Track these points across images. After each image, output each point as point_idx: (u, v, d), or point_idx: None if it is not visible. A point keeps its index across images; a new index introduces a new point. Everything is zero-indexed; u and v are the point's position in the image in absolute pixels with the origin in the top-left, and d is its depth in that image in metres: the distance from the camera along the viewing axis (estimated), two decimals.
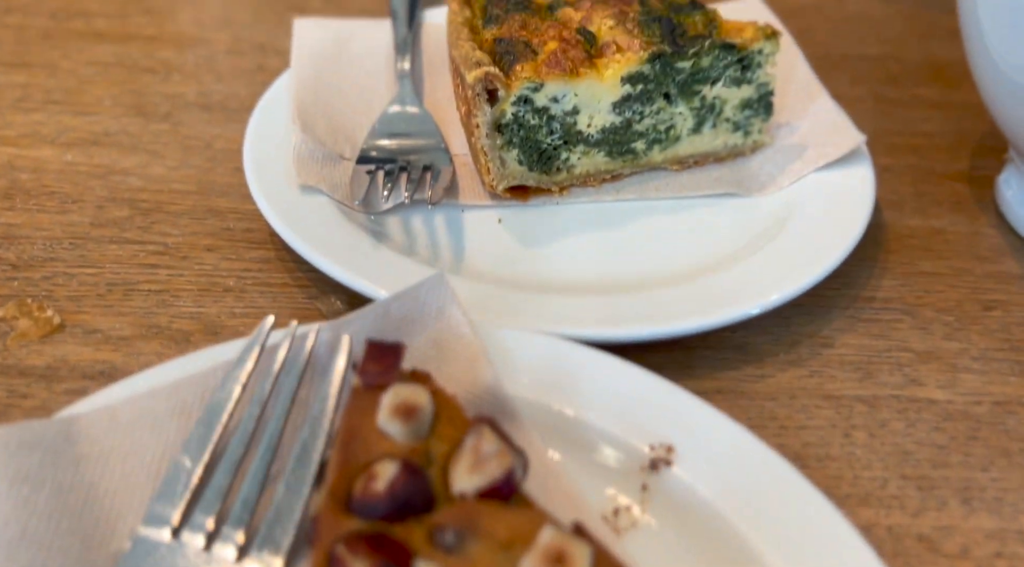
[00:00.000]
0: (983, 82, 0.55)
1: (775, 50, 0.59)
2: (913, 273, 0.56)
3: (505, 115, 0.54)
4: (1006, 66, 0.51)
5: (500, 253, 0.54)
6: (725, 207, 0.59)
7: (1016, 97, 0.52)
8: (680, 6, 0.60)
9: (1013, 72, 0.51)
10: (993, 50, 0.51)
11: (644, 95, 0.57)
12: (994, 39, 0.51)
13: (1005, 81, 0.52)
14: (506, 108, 0.54)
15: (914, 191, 0.63)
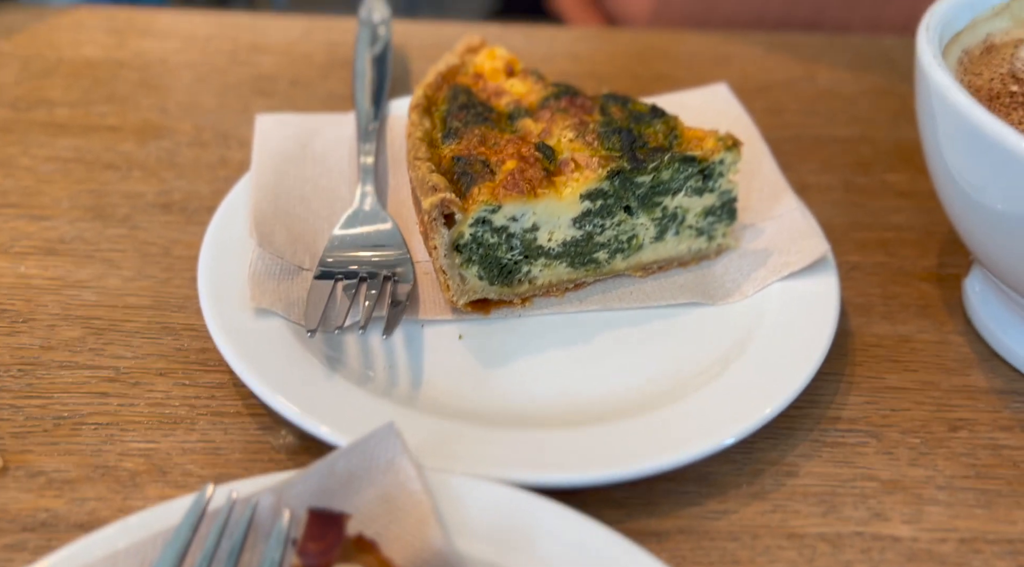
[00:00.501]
0: (945, 196, 0.55)
1: (737, 159, 0.58)
2: (879, 388, 0.55)
3: (463, 236, 0.53)
4: (966, 186, 0.51)
5: (460, 376, 0.53)
6: (690, 317, 0.58)
7: (977, 215, 0.51)
8: (640, 114, 0.59)
9: (974, 192, 0.50)
10: (955, 173, 0.50)
11: (604, 209, 0.56)
12: (954, 161, 0.50)
13: (967, 200, 0.51)
14: (464, 230, 0.53)
15: (882, 293, 0.62)
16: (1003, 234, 0.50)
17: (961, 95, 0.47)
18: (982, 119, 0.45)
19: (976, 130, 0.45)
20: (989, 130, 0.45)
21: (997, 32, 0.60)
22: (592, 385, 0.53)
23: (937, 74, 0.49)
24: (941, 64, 0.49)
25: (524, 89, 0.63)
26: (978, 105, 0.46)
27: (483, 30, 0.98)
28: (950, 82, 0.48)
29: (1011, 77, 0.56)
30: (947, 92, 0.47)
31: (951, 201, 0.54)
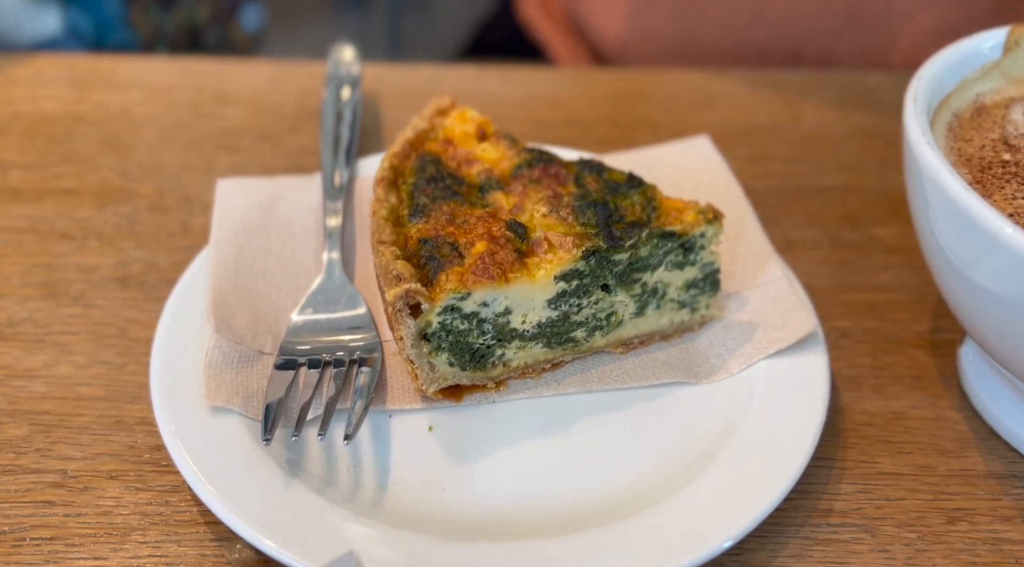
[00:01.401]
0: (935, 269, 0.52)
1: (718, 232, 0.55)
2: (872, 474, 0.52)
3: (431, 325, 0.50)
4: (957, 262, 0.48)
5: (430, 476, 0.50)
6: (674, 397, 0.55)
7: (967, 291, 0.48)
8: (617, 185, 0.56)
9: (964, 268, 0.48)
10: (945, 249, 0.48)
11: (580, 289, 0.53)
12: (945, 239, 0.48)
13: (957, 275, 0.49)
14: (431, 319, 0.50)
15: (872, 363, 0.60)
16: (994, 312, 0.47)
17: (951, 178, 0.44)
18: (972, 205, 0.42)
19: (966, 215, 0.43)
20: (979, 216, 0.42)
21: (987, 92, 0.57)
22: (572, 482, 0.50)
23: (926, 153, 0.46)
24: (930, 141, 0.47)
25: (496, 155, 0.60)
26: (968, 189, 0.43)
27: (458, 73, 0.95)
28: (940, 163, 0.45)
29: (1003, 143, 0.54)
30: (937, 174, 0.45)
31: (941, 275, 0.51)
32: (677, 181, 0.69)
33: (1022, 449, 0.53)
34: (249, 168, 0.78)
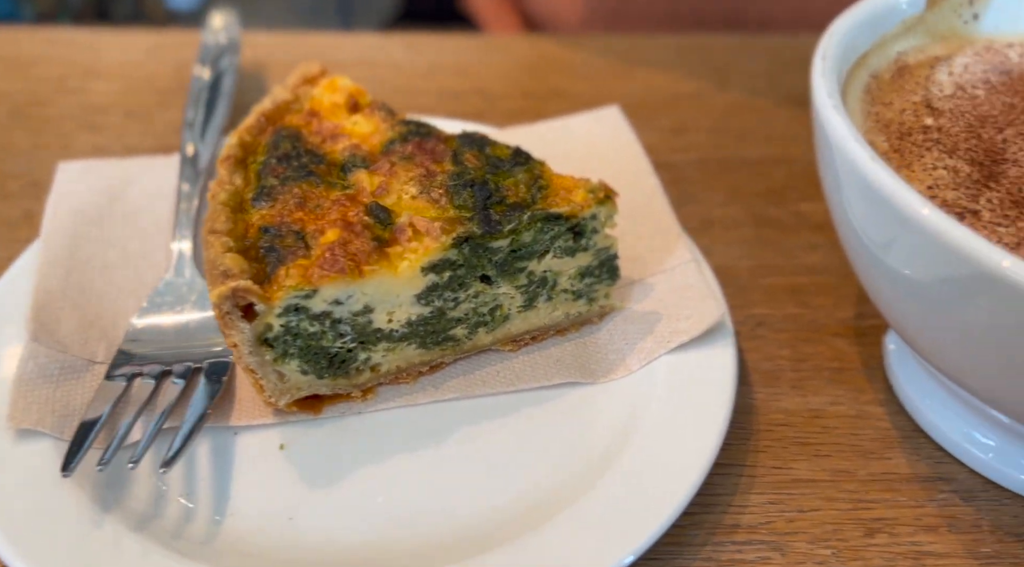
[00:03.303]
0: (850, 253, 0.46)
1: (612, 213, 0.49)
2: (785, 482, 0.47)
3: (272, 329, 0.43)
4: (872, 245, 0.42)
5: (274, 502, 0.43)
6: (568, 400, 0.49)
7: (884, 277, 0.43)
8: (500, 161, 0.49)
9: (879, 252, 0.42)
10: (859, 230, 0.42)
11: (455, 281, 0.47)
12: (857, 218, 0.42)
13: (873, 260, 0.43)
14: (271, 322, 0.43)
15: (792, 355, 0.54)
16: (911, 300, 0.41)
17: (859, 148, 0.38)
18: (882, 179, 0.36)
19: (876, 191, 0.37)
20: (890, 193, 0.36)
21: (910, 51, 0.51)
22: (445, 504, 0.44)
23: (832, 119, 0.40)
24: (837, 105, 0.40)
25: (369, 129, 0.53)
26: (878, 161, 0.37)
27: (359, 40, 0.87)
28: (847, 130, 0.39)
29: (925, 106, 0.48)
30: (844, 143, 0.39)
31: (854, 256, 0.45)
32: (582, 156, 0.63)
33: (949, 447, 0.48)
34: (111, 148, 0.69)
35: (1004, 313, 0.34)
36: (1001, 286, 0.34)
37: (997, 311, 0.35)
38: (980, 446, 0.47)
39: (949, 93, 0.49)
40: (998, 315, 0.35)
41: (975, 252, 0.33)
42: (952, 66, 0.51)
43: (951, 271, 0.35)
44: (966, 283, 0.35)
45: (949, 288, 0.36)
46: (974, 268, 0.34)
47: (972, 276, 0.34)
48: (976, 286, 0.34)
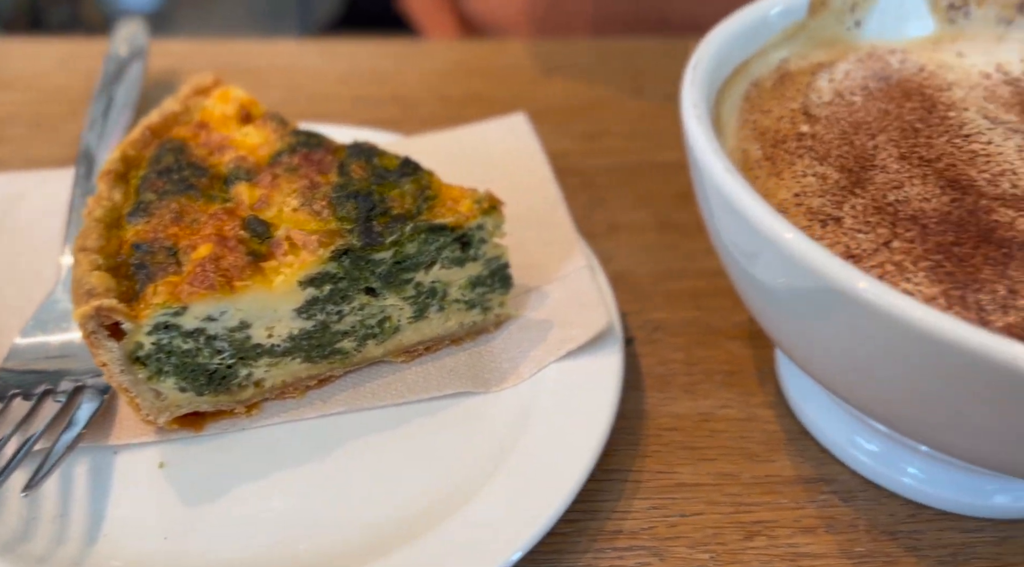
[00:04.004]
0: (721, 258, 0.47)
1: (499, 223, 0.49)
2: (670, 487, 0.47)
3: (143, 347, 0.43)
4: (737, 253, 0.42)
5: (149, 521, 0.43)
6: (460, 409, 0.49)
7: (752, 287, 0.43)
8: (387, 173, 0.49)
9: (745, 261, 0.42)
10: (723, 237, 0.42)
11: (336, 294, 0.46)
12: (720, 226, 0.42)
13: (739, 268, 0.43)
14: (141, 340, 0.42)
15: (686, 359, 0.55)
16: (771, 307, 0.42)
17: (715, 159, 0.38)
18: (735, 191, 0.37)
19: (729, 204, 0.37)
20: (741, 205, 0.36)
21: (793, 58, 0.52)
22: (326, 518, 0.43)
23: (694, 130, 0.40)
24: (700, 115, 0.41)
25: (258, 140, 0.52)
26: (731, 172, 0.38)
27: (275, 48, 0.86)
28: (705, 142, 0.39)
29: (803, 114, 0.48)
30: (702, 155, 0.39)
31: (726, 266, 0.46)
32: (486, 164, 0.63)
33: (831, 448, 0.49)
34: (12, 161, 0.68)
35: (857, 328, 0.35)
36: (848, 302, 0.34)
37: (850, 325, 0.35)
38: (863, 449, 0.48)
39: (827, 100, 0.49)
40: (854, 330, 0.35)
41: (821, 267, 0.34)
42: (834, 73, 0.52)
43: (801, 284, 0.36)
44: (816, 297, 0.35)
45: (801, 300, 0.37)
46: (821, 283, 0.34)
47: (821, 291, 0.35)
48: (825, 300, 0.35)
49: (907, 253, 0.39)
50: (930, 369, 0.33)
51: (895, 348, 0.34)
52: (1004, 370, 0.31)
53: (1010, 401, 0.33)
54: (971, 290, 0.38)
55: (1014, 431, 0.35)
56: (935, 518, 0.46)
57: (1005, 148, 0.46)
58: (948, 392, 0.34)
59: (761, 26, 0.50)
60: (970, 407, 0.35)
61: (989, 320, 0.36)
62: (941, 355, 0.32)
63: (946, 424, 0.37)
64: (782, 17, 0.51)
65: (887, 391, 0.37)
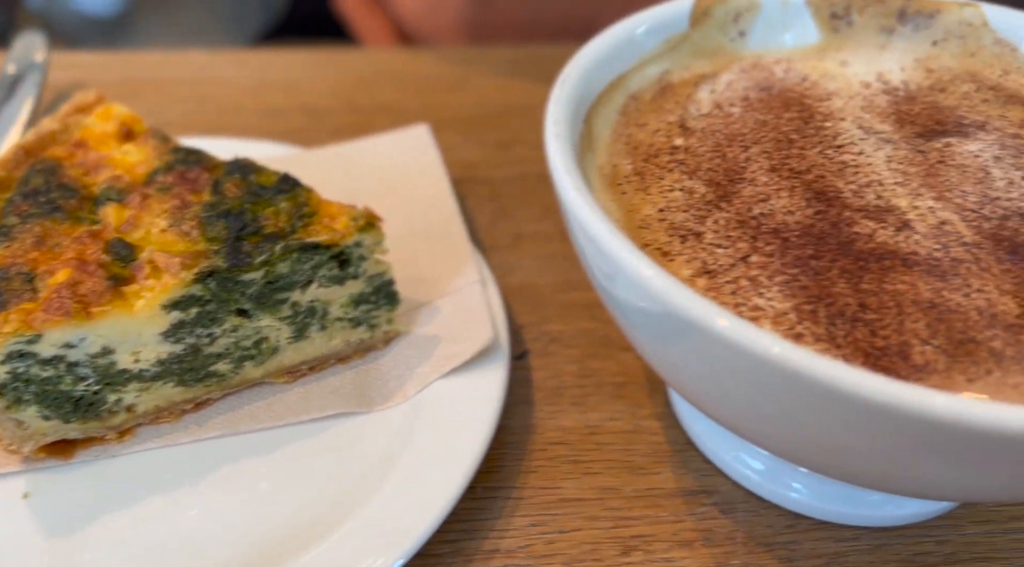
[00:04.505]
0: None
1: (379, 239, 0.48)
2: (552, 503, 0.47)
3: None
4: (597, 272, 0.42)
5: (8, 557, 0.42)
6: (340, 431, 0.48)
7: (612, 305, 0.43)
8: (262, 190, 0.48)
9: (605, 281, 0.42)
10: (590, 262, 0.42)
11: (205, 317, 0.45)
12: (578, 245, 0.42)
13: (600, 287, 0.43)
14: None
15: (578, 371, 0.54)
16: (635, 331, 0.41)
17: (566, 177, 0.38)
18: (581, 212, 0.37)
19: (576, 221, 0.37)
20: (586, 224, 0.36)
21: (676, 69, 0.52)
22: (191, 544, 0.42)
23: (551, 147, 0.40)
24: (559, 133, 0.41)
25: (138, 158, 0.51)
26: (580, 190, 0.37)
27: (184, 60, 0.85)
28: (559, 159, 0.39)
29: (680, 127, 0.48)
30: (556, 173, 0.39)
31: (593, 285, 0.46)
32: (385, 176, 0.62)
33: (714, 459, 0.49)
34: None
35: (701, 353, 0.35)
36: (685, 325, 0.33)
37: (695, 350, 0.35)
38: (748, 465, 0.48)
39: (706, 112, 0.49)
40: (699, 354, 0.35)
41: (655, 290, 0.34)
42: (716, 84, 0.52)
43: (646, 307, 0.35)
44: (658, 320, 0.35)
45: (648, 322, 0.36)
46: (659, 307, 0.34)
47: (662, 315, 0.34)
48: (666, 323, 0.35)
49: (764, 267, 0.39)
50: (771, 393, 0.33)
51: (737, 371, 0.34)
52: (849, 398, 0.31)
53: (858, 426, 0.32)
54: (823, 304, 0.38)
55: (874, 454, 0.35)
56: (813, 528, 0.46)
57: (875, 158, 0.46)
58: (798, 417, 0.34)
59: (642, 37, 0.50)
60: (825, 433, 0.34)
61: (837, 334, 0.37)
62: (784, 382, 0.32)
63: (806, 447, 0.37)
64: (664, 28, 0.51)
65: (741, 412, 0.37)
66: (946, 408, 0.29)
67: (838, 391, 0.30)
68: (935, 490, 0.40)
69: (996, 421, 0.28)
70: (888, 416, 0.30)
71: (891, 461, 0.34)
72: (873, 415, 0.30)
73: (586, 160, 0.45)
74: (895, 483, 0.38)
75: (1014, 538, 0.46)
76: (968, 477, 0.34)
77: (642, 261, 0.34)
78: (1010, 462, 0.31)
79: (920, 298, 0.38)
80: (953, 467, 0.33)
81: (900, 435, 0.31)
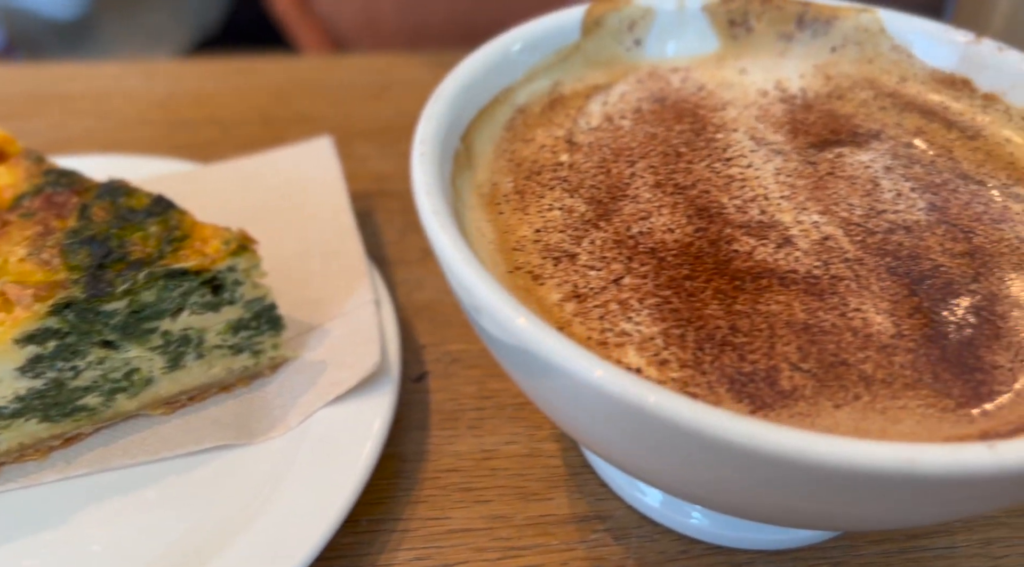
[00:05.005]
0: None
1: (254, 262, 0.46)
2: (439, 534, 0.45)
3: None
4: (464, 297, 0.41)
5: None
6: (219, 465, 0.46)
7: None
8: (133, 213, 0.46)
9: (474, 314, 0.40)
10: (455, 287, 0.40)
11: (65, 350, 0.43)
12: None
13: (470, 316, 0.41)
14: None
15: (478, 393, 0.53)
16: (504, 363, 0.39)
17: (425, 199, 0.36)
18: (439, 238, 0.35)
19: (435, 248, 0.35)
20: (441, 249, 0.35)
21: (568, 80, 0.51)
22: None
23: (415, 170, 0.38)
24: (424, 152, 0.39)
25: (8, 181, 0.49)
26: (437, 213, 0.36)
27: (92, 71, 0.82)
28: (421, 180, 0.37)
29: (567, 142, 0.47)
30: (417, 195, 0.37)
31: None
32: (280, 192, 0.60)
33: (610, 482, 0.48)
34: None
35: (556, 389, 0.33)
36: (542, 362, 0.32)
37: (552, 386, 0.33)
38: (640, 487, 0.47)
39: (595, 125, 0.48)
40: (555, 390, 0.34)
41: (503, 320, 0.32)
42: (609, 95, 0.50)
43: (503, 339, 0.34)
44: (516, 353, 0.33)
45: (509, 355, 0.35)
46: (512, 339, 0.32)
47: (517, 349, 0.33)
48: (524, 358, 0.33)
49: (636, 290, 0.38)
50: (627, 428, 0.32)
51: (586, 405, 0.32)
52: (693, 437, 0.29)
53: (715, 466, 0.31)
54: (693, 327, 0.36)
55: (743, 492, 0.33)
56: (707, 553, 0.45)
57: (763, 171, 0.45)
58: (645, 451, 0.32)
59: (531, 48, 0.48)
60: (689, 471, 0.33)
61: (704, 360, 0.35)
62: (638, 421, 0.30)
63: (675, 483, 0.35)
64: (553, 38, 0.49)
65: (604, 446, 0.35)
66: (796, 448, 0.27)
67: (676, 427, 0.29)
68: (818, 524, 0.39)
69: (841, 457, 0.27)
70: (736, 455, 0.29)
71: (758, 498, 0.33)
72: (723, 455, 0.29)
73: (464, 178, 0.43)
74: (780, 519, 0.36)
75: (910, 557, 0.45)
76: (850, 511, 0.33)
77: (495, 294, 0.33)
78: (873, 498, 0.30)
79: (794, 319, 0.37)
80: (825, 503, 0.31)
81: (754, 473, 0.29)
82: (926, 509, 0.29)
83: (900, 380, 0.34)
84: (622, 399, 0.29)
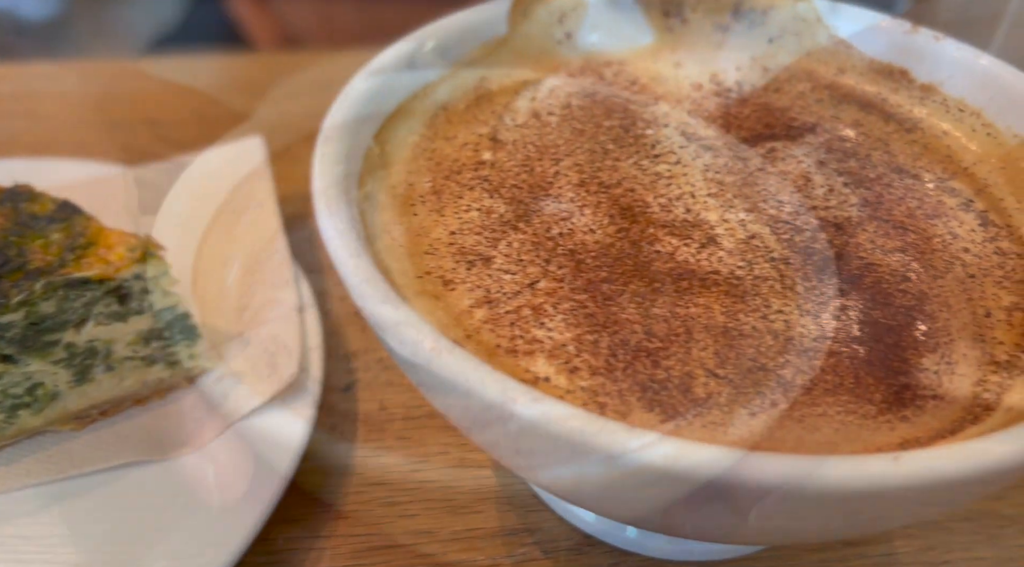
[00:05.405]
0: None
1: (163, 270, 0.44)
2: (362, 551, 0.43)
3: None
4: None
5: None
6: (128, 483, 0.43)
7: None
8: (36, 220, 0.44)
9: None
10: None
11: None
12: None
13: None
14: None
15: (409, 400, 0.50)
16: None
17: (321, 203, 0.35)
18: (331, 240, 0.33)
19: (331, 254, 0.34)
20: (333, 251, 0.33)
21: (495, 75, 0.49)
22: None
23: (315, 169, 0.36)
24: (326, 153, 0.37)
25: None
26: (331, 214, 0.34)
27: (24, 72, 0.79)
28: (321, 184, 0.35)
29: (490, 139, 0.45)
30: (315, 197, 0.35)
31: None
32: (207, 195, 0.58)
33: (540, 494, 0.46)
34: None
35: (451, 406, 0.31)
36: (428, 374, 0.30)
37: (445, 403, 0.32)
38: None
39: (521, 122, 0.46)
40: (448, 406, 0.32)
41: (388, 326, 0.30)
42: (538, 90, 0.48)
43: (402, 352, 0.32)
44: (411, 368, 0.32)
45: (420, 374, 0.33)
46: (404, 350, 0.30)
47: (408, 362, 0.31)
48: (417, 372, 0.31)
49: (552, 294, 0.36)
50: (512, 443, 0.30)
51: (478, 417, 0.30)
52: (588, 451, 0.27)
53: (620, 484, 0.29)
54: (607, 333, 0.35)
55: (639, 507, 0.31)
56: (639, 565, 0.43)
57: (692, 168, 0.43)
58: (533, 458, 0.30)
59: (455, 42, 0.46)
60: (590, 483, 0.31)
61: (616, 366, 0.33)
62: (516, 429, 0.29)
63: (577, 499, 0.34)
64: (478, 32, 0.47)
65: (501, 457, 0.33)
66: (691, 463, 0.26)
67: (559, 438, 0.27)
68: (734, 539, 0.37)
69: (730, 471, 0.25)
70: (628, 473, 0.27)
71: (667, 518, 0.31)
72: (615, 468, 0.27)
73: (377, 178, 0.41)
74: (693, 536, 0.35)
75: (852, 565, 0.43)
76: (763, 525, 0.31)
77: (387, 303, 0.31)
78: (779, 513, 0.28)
79: (713, 323, 0.35)
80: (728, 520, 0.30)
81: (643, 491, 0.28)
82: (834, 523, 0.28)
83: (820, 385, 0.33)
84: (501, 408, 0.28)
